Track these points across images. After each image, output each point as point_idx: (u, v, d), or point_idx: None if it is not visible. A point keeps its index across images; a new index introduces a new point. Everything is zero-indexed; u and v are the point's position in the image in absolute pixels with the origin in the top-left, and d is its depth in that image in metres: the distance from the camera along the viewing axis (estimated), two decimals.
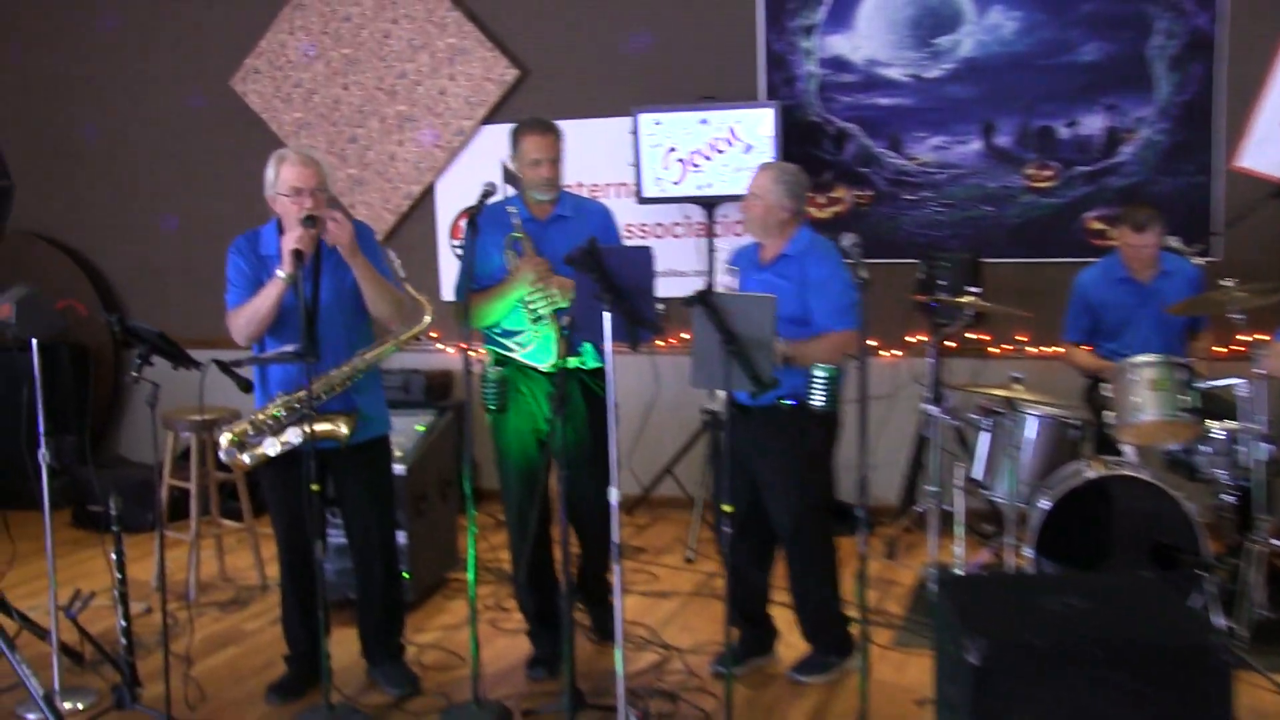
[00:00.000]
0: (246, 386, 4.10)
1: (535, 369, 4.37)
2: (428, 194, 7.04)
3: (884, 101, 6.21)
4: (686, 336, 6.44)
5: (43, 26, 7.76)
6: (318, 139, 7.12)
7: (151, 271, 7.66)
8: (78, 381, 7.20)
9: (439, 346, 6.99)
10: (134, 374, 3.96)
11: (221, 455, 4.08)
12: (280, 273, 3.95)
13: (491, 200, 4.19)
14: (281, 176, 4.01)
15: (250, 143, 7.34)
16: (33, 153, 7.76)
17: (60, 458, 4.55)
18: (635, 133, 6.25)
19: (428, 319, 4.16)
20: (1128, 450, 4.74)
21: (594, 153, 6.49)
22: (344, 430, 4.01)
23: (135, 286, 7.72)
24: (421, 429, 5.40)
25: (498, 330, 4.41)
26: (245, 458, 4.05)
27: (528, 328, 4.35)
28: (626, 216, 6.35)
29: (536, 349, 4.35)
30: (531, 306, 4.32)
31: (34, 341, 4.20)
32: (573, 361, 4.32)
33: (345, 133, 7.11)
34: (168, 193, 7.61)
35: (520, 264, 4.30)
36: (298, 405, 4.01)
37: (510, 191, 6.36)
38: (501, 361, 4.41)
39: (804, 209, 4.24)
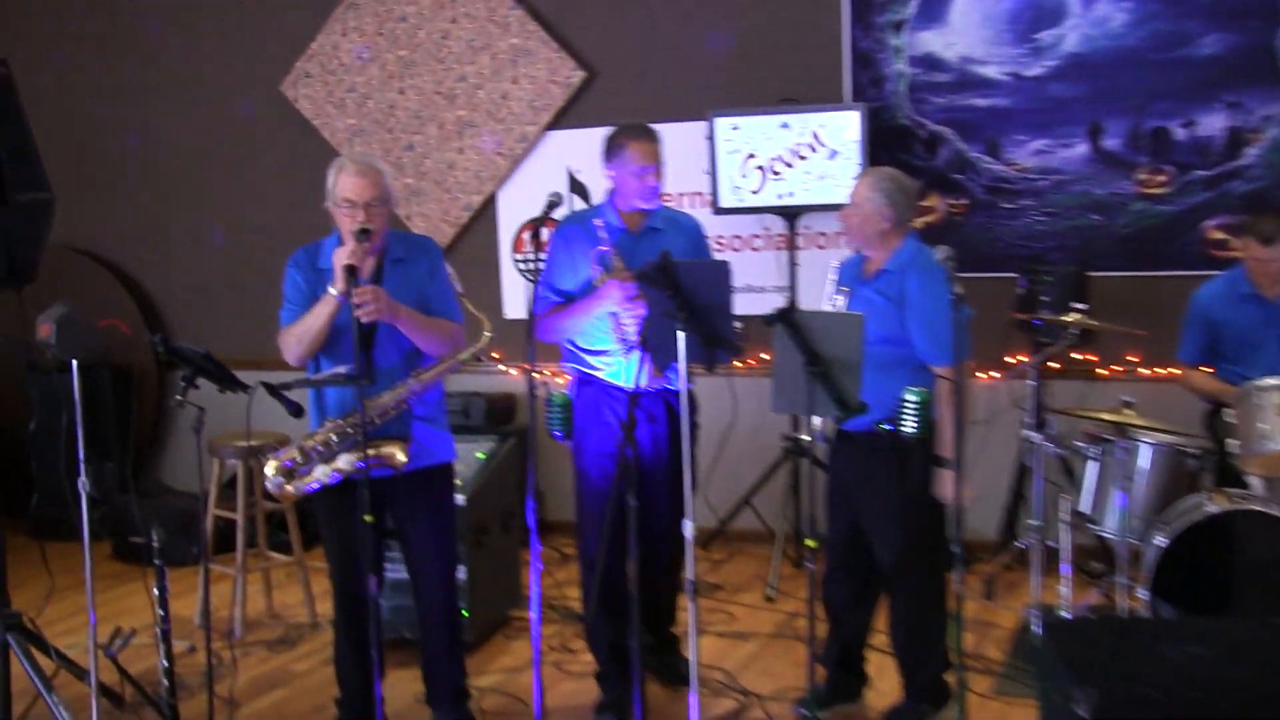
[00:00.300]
0: (297, 411, 4.14)
1: (620, 390, 4.39)
2: (489, 204, 7.08)
3: (980, 102, 6.16)
4: (766, 357, 6.41)
5: (84, 31, 7.92)
6: (372, 146, 7.19)
7: (197, 288, 7.78)
8: (119, 405, 7.32)
9: (501, 368, 7.02)
10: (178, 397, 4.01)
11: (268, 485, 4.12)
12: (332, 289, 3.98)
13: (557, 210, 4.23)
14: (338, 186, 4.07)
15: (301, 151, 7.43)
16: (73, 163, 7.91)
17: (100, 486, 4.62)
18: (711, 138, 6.25)
19: (487, 336, 4.19)
20: (1254, 482, 4.64)
21: (667, 160, 6.48)
22: (400, 456, 4.04)
23: (180, 304, 7.85)
24: (482, 456, 5.42)
25: (581, 348, 4.47)
26: (292, 488, 4.08)
27: (614, 346, 4.39)
28: None
29: (623, 368, 4.37)
30: (619, 324, 4.35)
31: (74, 363, 4.27)
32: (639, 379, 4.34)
33: (401, 140, 7.18)
34: (214, 204, 7.73)
35: (608, 279, 4.34)
36: (350, 430, 4.04)
37: (578, 202, 6.32)
38: (587, 381, 4.47)
39: (908, 218, 4.20)
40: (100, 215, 7.97)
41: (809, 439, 3.90)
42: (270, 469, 4.09)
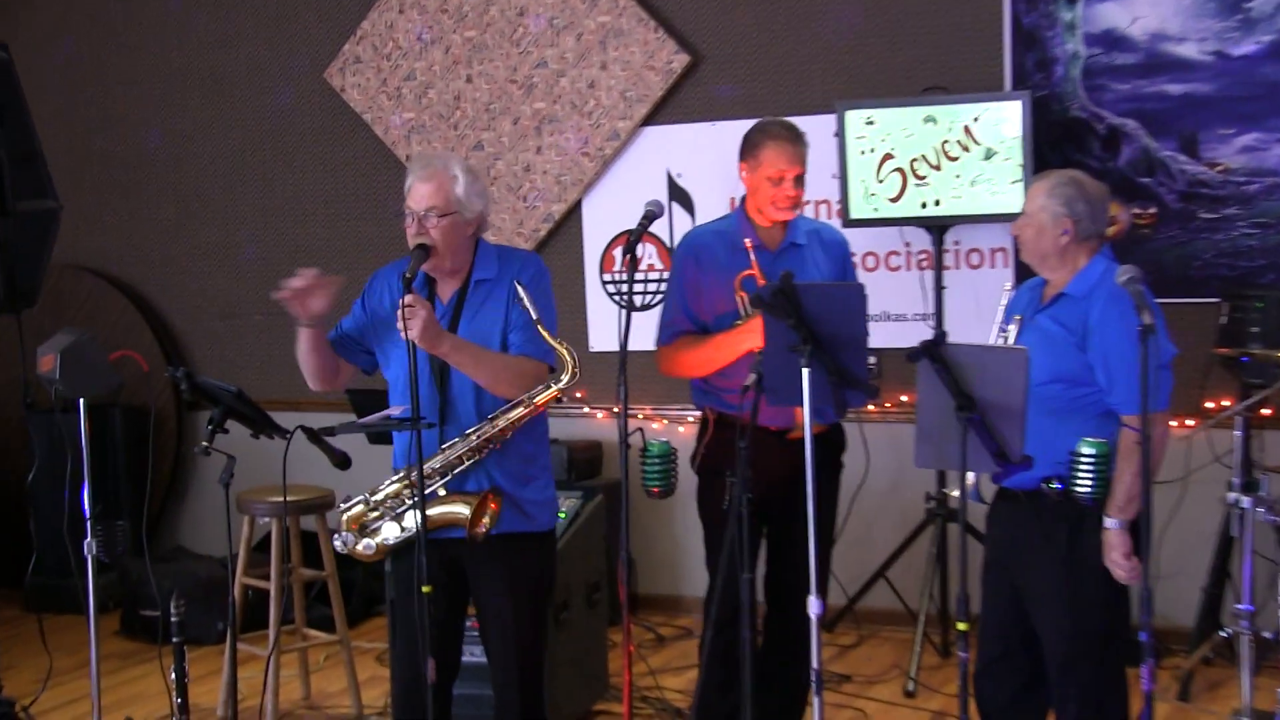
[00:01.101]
0: (344, 461, 4.19)
1: (767, 429, 4.46)
2: (572, 214, 7.14)
3: (1174, 89, 6.11)
4: (907, 400, 6.37)
5: (96, 12, 8.11)
6: (434, 146, 7.28)
7: (225, 314, 7.90)
8: (133, 453, 7.45)
9: (586, 410, 7.06)
10: (204, 444, 4.08)
11: (336, 543, 4.22)
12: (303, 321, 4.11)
13: (655, 223, 4.27)
14: (407, 193, 4.18)
15: (348, 150, 7.54)
16: (82, 165, 8.10)
17: (110, 549, 4.70)
18: (840, 134, 6.25)
19: (567, 378, 4.20)
20: None
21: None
22: (463, 511, 4.07)
23: (206, 333, 7.98)
24: (563, 516, 5.45)
25: (719, 384, 4.59)
26: (362, 545, 4.18)
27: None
28: None
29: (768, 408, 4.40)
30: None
31: (81, 402, 4.37)
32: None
33: (469, 137, 7.26)
34: (246, 215, 7.87)
35: (752, 313, 4.45)
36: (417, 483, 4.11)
37: (680, 213, 6.34)
38: (725, 422, 4.57)
39: (1095, 230, 4.16)
40: (113, 227, 8.15)
41: (959, 499, 3.86)
42: (344, 520, 4.19)
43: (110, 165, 8.14)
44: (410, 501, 4.13)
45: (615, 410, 6.71)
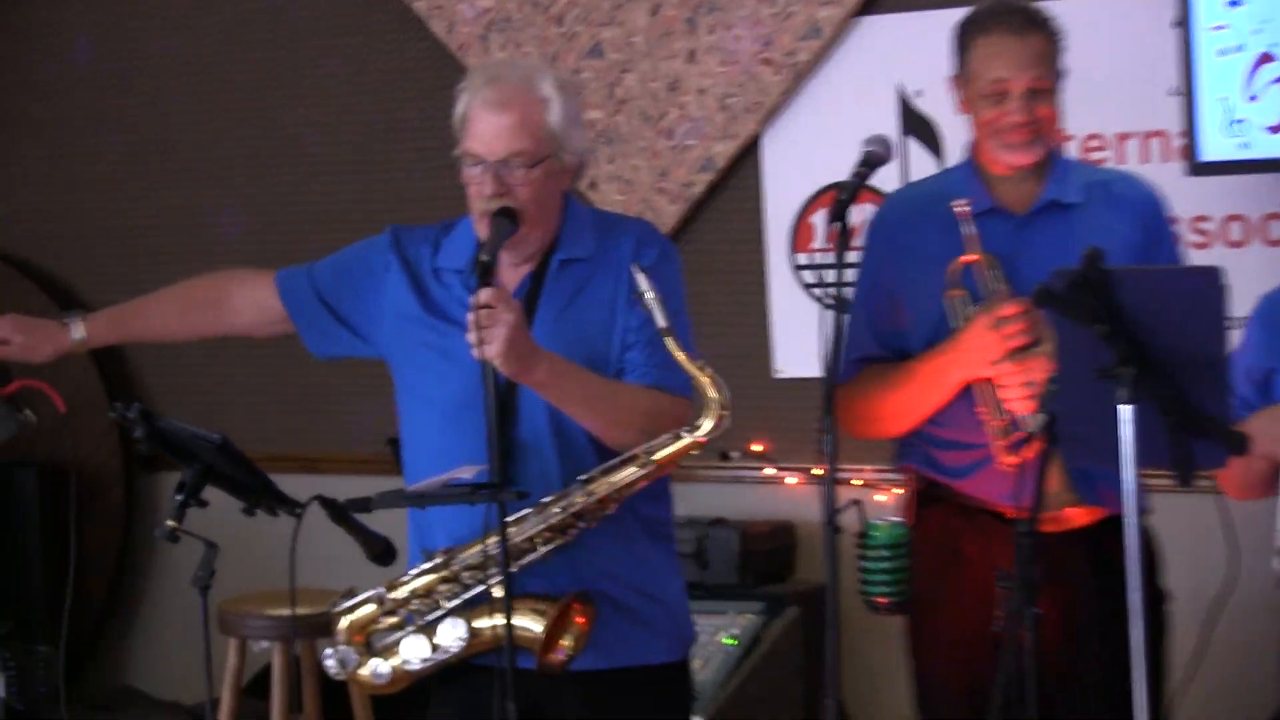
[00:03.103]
0: (385, 552, 4.26)
1: (999, 512, 4.45)
2: (746, 158, 7.16)
3: None
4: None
5: None
6: (526, 54, 7.33)
7: None
8: (56, 538, 7.59)
9: (770, 472, 7.07)
10: (169, 524, 4.16)
11: (328, 663, 4.26)
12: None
13: (879, 171, 4.27)
14: (463, 125, 4.22)
15: (389, 59, 7.63)
16: None
17: (26, 692, 4.79)
18: (1185, 23, 6.20)
19: (709, 424, 4.19)
20: None
21: (1090, 72, 6.47)
22: (533, 628, 4.10)
23: (170, 349, 8.09)
24: (731, 643, 5.49)
25: (933, 437, 4.57)
26: (370, 669, 4.22)
27: (998, 437, 4.45)
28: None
29: (1006, 481, 4.39)
30: (1005, 396, 4.41)
31: None
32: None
33: (580, 38, 7.29)
34: (227, 162, 8.05)
35: (979, 314, 4.38)
36: (468, 576, 4.16)
37: (919, 156, 6.35)
38: (936, 496, 4.56)
39: None
40: (24, 188, 8.40)
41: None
42: (341, 628, 4.24)
43: (17, 92, 8.33)
44: (449, 606, 4.16)
45: (817, 473, 6.74)
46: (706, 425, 4.13)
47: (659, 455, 4.14)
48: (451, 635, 4.15)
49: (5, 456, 6.65)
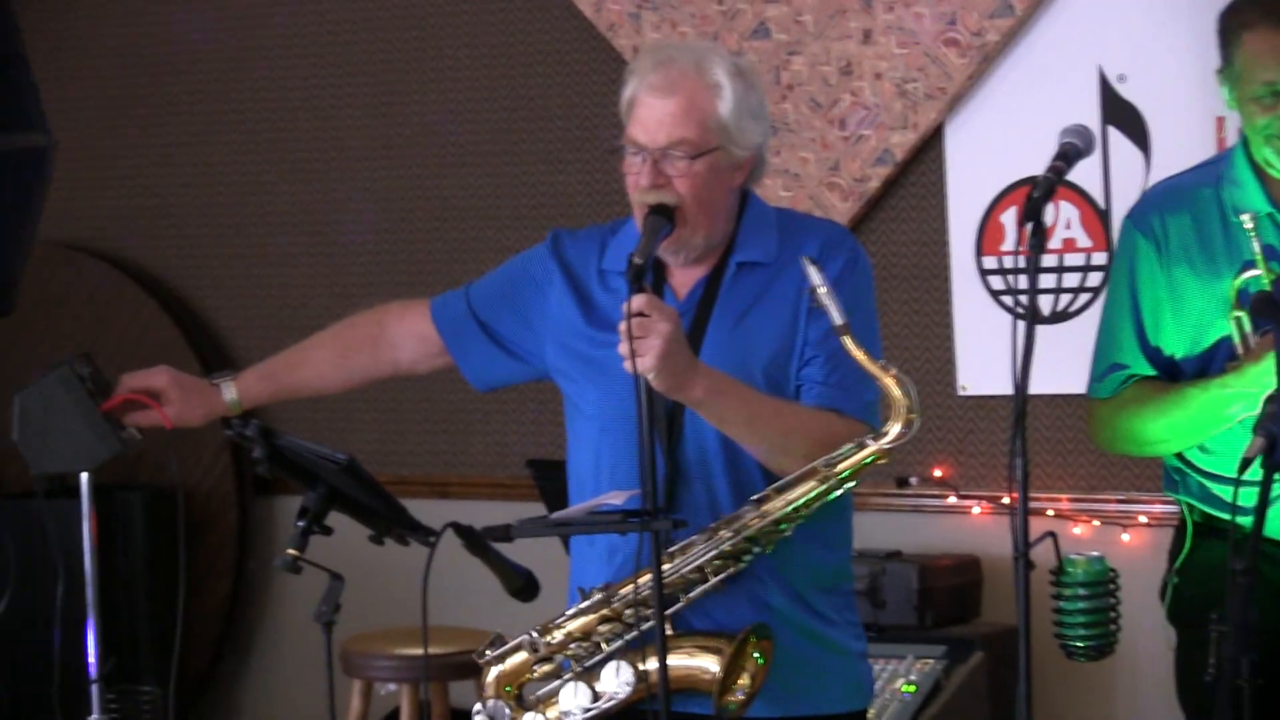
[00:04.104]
0: (526, 587, 4.28)
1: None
2: (928, 151, 7.16)
3: None
4: None
5: None
6: (681, 34, 7.33)
7: (317, 325, 8.06)
8: (164, 567, 7.65)
9: (951, 501, 7.07)
10: (290, 553, 4.20)
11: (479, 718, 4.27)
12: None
13: (1076, 165, 4.26)
14: (627, 113, 4.26)
15: (532, 42, 7.64)
16: (76, 82, 8.42)
17: None
18: None
19: (898, 428, 4.16)
20: None
21: None
22: (709, 667, 4.09)
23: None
24: (910, 689, 5.50)
25: (1201, 466, 4.60)
26: None
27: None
28: None
29: None
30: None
31: (85, 482, 4.54)
32: None
33: (743, 16, 7.29)
34: (350, 155, 8.10)
35: (1266, 347, 4.34)
36: (631, 614, 4.16)
37: (1122, 145, 6.28)
38: (1215, 530, 4.56)
39: None
40: (134, 182, 8.44)
41: None
42: (490, 680, 4.25)
43: (120, 74, 8.44)
44: (612, 648, 4.16)
45: (1007, 502, 6.73)
46: (893, 431, 4.08)
47: (841, 466, 4.11)
48: (616, 680, 4.13)
49: (108, 478, 6.60)
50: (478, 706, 4.26)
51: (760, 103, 4.25)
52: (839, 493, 4.16)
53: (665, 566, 4.07)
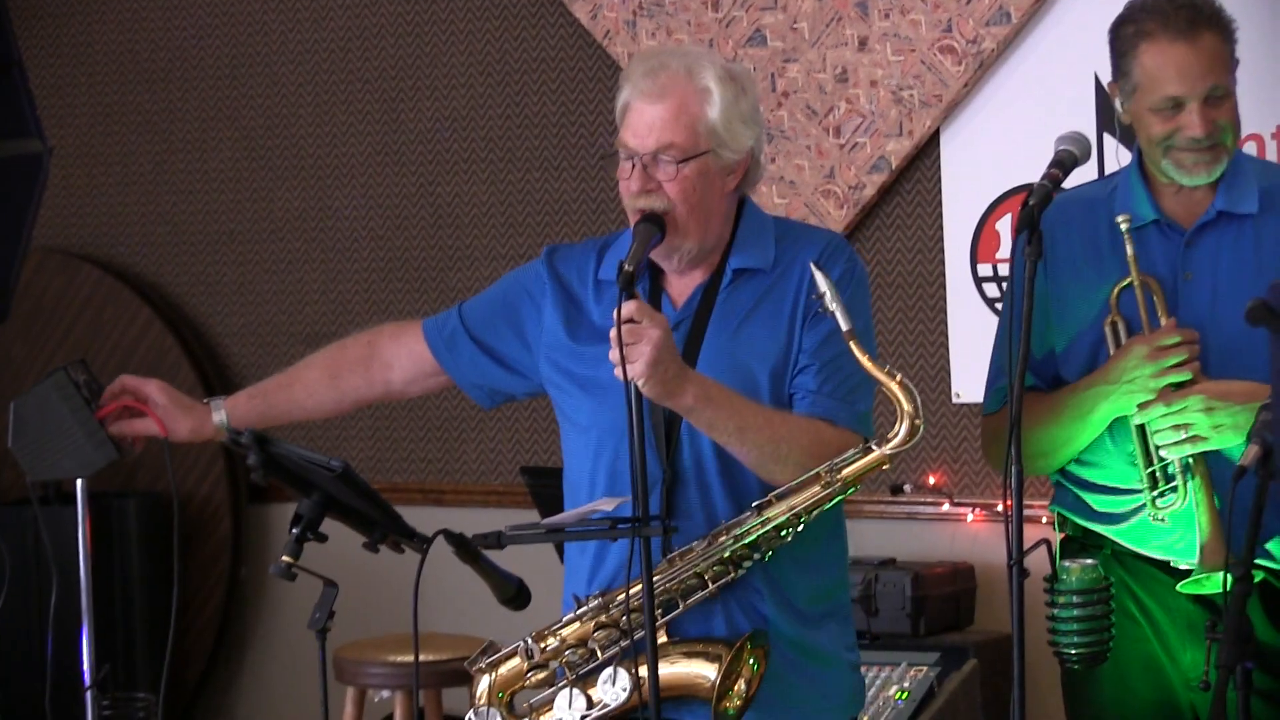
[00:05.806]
0: (517, 595, 4.28)
1: (1164, 568, 4.47)
2: (924, 158, 7.16)
3: None
4: None
5: None
6: (677, 41, 7.34)
7: (315, 333, 8.06)
8: (158, 574, 7.68)
9: (945, 508, 7.13)
10: (285, 560, 4.20)
11: None
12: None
13: (1072, 173, 4.28)
14: (623, 117, 4.28)
15: (528, 50, 7.64)
16: (85, 93, 8.45)
17: None
18: None
19: (904, 432, 4.14)
20: None
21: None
22: (705, 674, 4.11)
23: (277, 363, 8.14)
24: (902, 697, 5.52)
25: (1084, 483, 4.57)
26: None
27: (1146, 485, 4.45)
28: None
29: (1169, 530, 4.42)
30: (1156, 440, 4.41)
31: (80, 488, 4.57)
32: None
33: (738, 23, 7.26)
34: (348, 163, 8.12)
35: (1130, 344, 4.39)
36: (623, 622, 4.15)
37: (1117, 152, 6.29)
38: (1087, 544, 4.56)
39: None
40: (128, 189, 8.46)
41: None
42: (483, 689, 4.26)
43: (120, 84, 8.46)
44: (607, 654, 4.16)
45: (1001, 509, 6.73)
46: (899, 435, 4.08)
47: (846, 472, 4.10)
48: (613, 687, 4.12)
49: (103, 486, 6.65)
50: (469, 715, 4.26)
51: (753, 107, 4.25)
52: (841, 497, 4.16)
53: (664, 571, 4.11)
